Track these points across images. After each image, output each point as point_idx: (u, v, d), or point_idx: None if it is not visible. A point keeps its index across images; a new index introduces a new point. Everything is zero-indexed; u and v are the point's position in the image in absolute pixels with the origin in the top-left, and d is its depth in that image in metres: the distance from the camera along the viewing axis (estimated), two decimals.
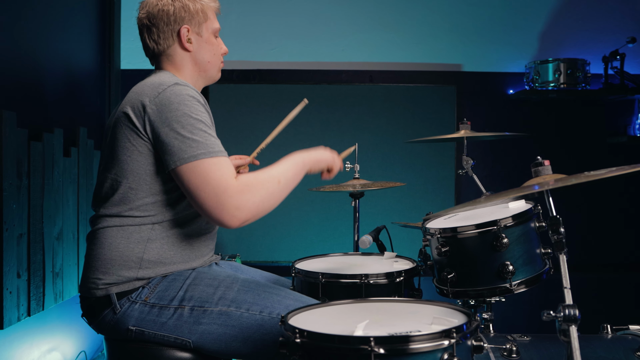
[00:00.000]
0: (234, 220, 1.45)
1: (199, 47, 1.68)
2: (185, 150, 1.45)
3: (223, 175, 1.45)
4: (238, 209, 1.45)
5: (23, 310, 2.21)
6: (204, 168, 1.45)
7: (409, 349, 1.06)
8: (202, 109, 1.52)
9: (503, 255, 1.57)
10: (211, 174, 1.44)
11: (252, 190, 1.47)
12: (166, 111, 1.48)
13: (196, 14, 1.65)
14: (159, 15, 1.63)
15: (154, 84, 1.53)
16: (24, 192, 2.20)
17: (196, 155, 1.45)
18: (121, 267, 1.53)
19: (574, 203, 3.50)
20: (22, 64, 2.38)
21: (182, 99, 1.49)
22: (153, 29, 1.64)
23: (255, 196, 1.47)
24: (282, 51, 3.50)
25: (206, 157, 1.45)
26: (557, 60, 3.29)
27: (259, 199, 1.48)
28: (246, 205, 1.46)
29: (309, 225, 3.41)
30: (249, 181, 1.48)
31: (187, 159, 1.45)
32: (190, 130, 1.46)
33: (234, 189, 1.45)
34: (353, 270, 1.84)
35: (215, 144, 1.49)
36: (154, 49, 1.67)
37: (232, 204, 1.44)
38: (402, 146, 3.37)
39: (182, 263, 1.59)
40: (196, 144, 1.46)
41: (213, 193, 1.44)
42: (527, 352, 1.53)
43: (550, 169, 1.35)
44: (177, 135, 1.46)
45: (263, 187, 1.50)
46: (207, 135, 1.48)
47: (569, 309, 1.19)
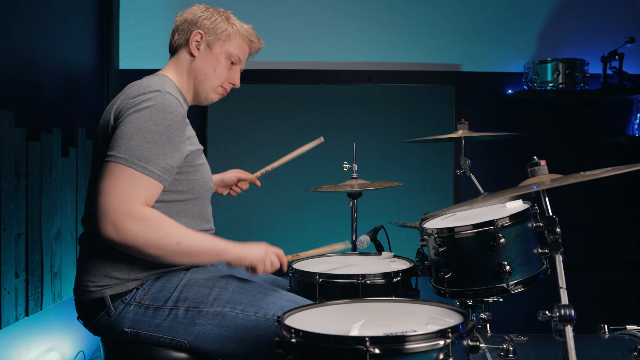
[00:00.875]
0: (105, 233, 1.39)
1: (203, 57, 1.69)
2: (115, 148, 1.43)
3: (131, 190, 1.39)
4: (115, 228, 1.38)
5: (21, 310, 2.21)
6: (117, 173, 1.41)
7: (405, 349, 1.07)
8: (168, 123, 1.47)
9: (500, 255, 1.57)
10: (120, 182, 1.40)
11: (145, 225, 1.39)
12: (132, 111, 1.46)
13: (219, 29, 1.69)
14: (188, 17, 1.71)
15: (141, 87, 1.54)
16: (22, 192, 2.20)
17: (118, 158, 1.42)
18: (113, 269, 1.53)
19: (573, 203, 3.50)
20: (20, 63, 2.38)
21: (152, 104, 1.47)
22: (179, 26, 1.72)
23: (142, 232, 1.38)
24: (280, 51, 3.50)
25: (125, 165, 1.41)
26: (555, 60, 3.29)
27: (144, 238, 1.39)
28: (126, 231, 1.38)
29: (307, 225, 3.41)
30: (150, 217, 1.40)
31: (110, 157, 1.43)
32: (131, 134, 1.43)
33: (130, 210, 1.38)
34: (350, 270, 1.84)
35: (147, 159, 1.43)
36: (171, 43, 1.74)
37: (115, 219, 1.37)
38: (401, 146, 3.37)
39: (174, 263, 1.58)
40: (126, 149, 1.42)
41: (112, 199, 1.38)
42: (524, 352, 1.53)
43: (546, 169, 1.35)
44: (122, 132, 1.44)
45: (159, 233, 1.40)
46: (145, 147, 1.43)
47: (564, 309, 1.19)
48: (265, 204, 3.40)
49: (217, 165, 3.35)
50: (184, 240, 1.44)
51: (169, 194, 1.55)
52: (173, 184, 1.55)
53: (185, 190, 1.59)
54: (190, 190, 1.60)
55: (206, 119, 3.40)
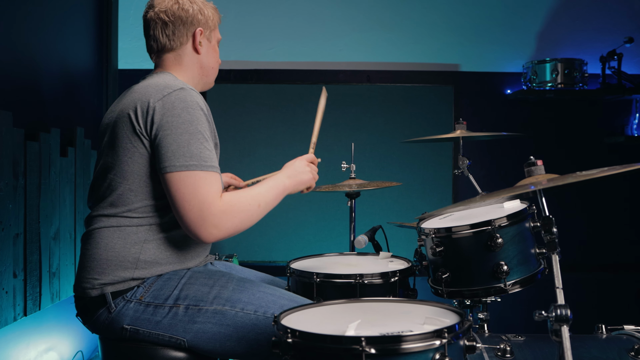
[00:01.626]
0: (210, 238, 1.48)
1: (207, 52, 1.73)
2: (178, 158, 1.46)
3: (210, 191, 1.47)
4: (216, 228, 1.47)
5: (19, 310, 2.21)
6: (193, 180, 1.46)
7: (400, 349, 1.07)
8: (203, 119, 1.53)
9: (497, 255, 1.57)
10: (199, 188, 1.46)
11: (234, 210, 1.50)
12: (169, 115, 1.48)
13: (210, 21, 1.72)
14: (178, 13, 1.66)
15: (159, 86, 1.53)
16: (20, 192, 2.20)
17: (188, 166, 1.46)
18: (117, 267, 1.53)
19: (572, 203, 3.50)
20: (18, 63, 2.38)
21: (185, 105, 1.50)
22: (170, 25, 1.65)
23: (235, 218, 1.50)
24: (279, 51, 3.50)
25: (197, 170, 1.46)
26: (554, 60, 3.29)
27: (238, 221, 1.51)
28: (225, 225, 1.48)
29: (306, 225, 3.41)
30: (233, 202, 1.50)
31: (177, 167, 1.46)
32: (187, 139, 1.47)
33: (218, 208, 1.47)
34: (348, 270, 1.84)
35: (209, 158, 1.49)
36: (165, 45, 1.67)
37: (212, 222, 1.46)
38: (400, 146, 3.38)
39: (178, 263, 1.59)
40: (190, 154, 1.46)
41: (197, 207, 1.45)
42: (521, 352, 1.53)
43: (543, 169, 1.35)
44: (173, 141, 1.47)
45: (244, 209, 1.52)
46: (203, 148, 1.49)
47: (560, 309, 1.19)
48: None
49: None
50: (261, 201, 1.57)
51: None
52: None
53: None
54: None
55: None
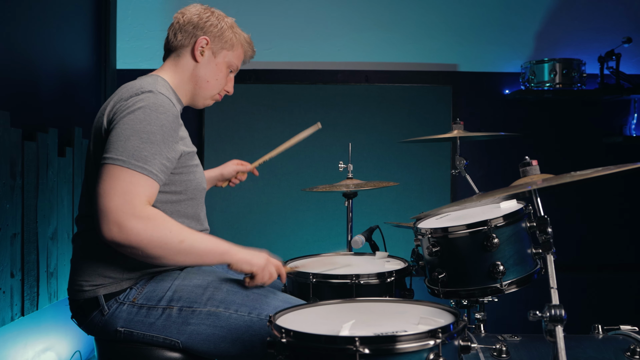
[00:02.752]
0: (108, 234, 1.36)
1: (207, 64, 1.69)
2: (111, 151, 1.42)
3: (131, 190, 1.38)
4: (119, 227, 1.36)
5: (17, 310, 2.21)
6: (116, 175, 1.39)
7: (394, 349, 1.07)
8: (162, 123, 1.47)
9: (494, 255, 1.57)
10: (120, 183, 1.38)
11: (149, 224, 1.38)
12: (125, 112, 1.46)
13: (224, 38, 1.70)
14: (192, 18, 1.68)
15: (134, 88, 1.53)
16: (17, 192, 2.20)
17: (116, 159, 1.40)
18: (107, 268, 1.53)
19: (570, 203, 3.49)
20: (16, 63, 2.38)
21: (145, 105, 1.47)
22: (181, 25, 1.68)
23: (145, 231, 1.37)
24: (278, 51, 3.50)
25: (124, 166, 1.40)
26: (552, 60, 3.29)
27: (147, 237, 1.37)
28: (130, 230, 1.36)
29: (304, 225, 3.41)
30: (154, 216, 1.39)
31: (107, 159, 1.42)
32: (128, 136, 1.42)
33: (133, 209, 1.37)
34: (344, 270, 1.84)
35: (144, 159, 1.42)
36: (170, 41, 1.70)
37: (117, 218, 1.36)
38: (398, 146, 3.37)
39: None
40: (123, 149, 1.41)
41: (110, 199, 1.37)
42: (517, 352, 1.53)
43: (538, 169, 1.35)
44: (115, 135, 1.44)
45: (162, 231, 1.39)
46: (142, 148, 1.42)
47: (555, 309, 1.19)
48: (262, 204, 3.40)
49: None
50: (187, 239, 1.42)
51: (162, 194, 1.54)
52: (167, 184, 1.55)
53: (179, 191, 1.59)
54: (183, 191, 1.60)
55: (203, 119, 3.40)
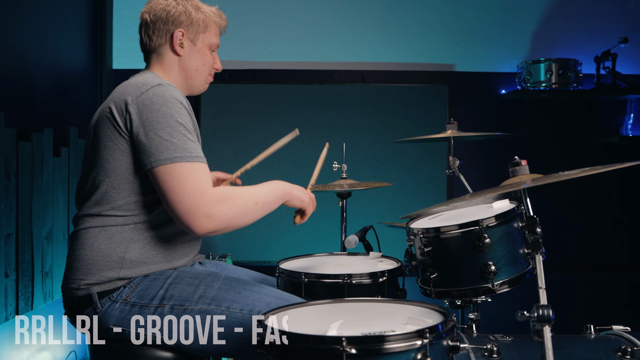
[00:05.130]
0: (202, 228, 1.44)
1: (190, 54, 1.69)
2: (162, 151, 1.45)
3: (199, 181, 1.45)
4: (209, 217, 1.44)
5: (11, 310, 2.21)
6: (180, 171, 1.44)
7: (381, 349, 1.07)
8: (184, 112, 1.52)
9: (485, 256, 1.57)
10: (188, 178, 1.44)
11: (228, 202, 1.47)
12: (147, 111, 1.48)
13: (196, 22, 1.68)
14: (159, 13, 1.66)
15: (138, 84, 1.54)
16: (12, 191, 2.20)
17: (172, 158, 1.45)
18: (103, 267, 1.53)
19: (565, 203, 3.49)
20: (11, 63, 2.38)
21: (164, 100, 1.49)
22: (151, 25, 1.67)
23: (229, 209, 1.47)
24: (274, 51, 3.50)
25: (183, 161, 1.45)
26: (548, 60, 3.29)
27: (233, 214, 1.47)
28: (218, 215, 1.45)
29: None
30: (227, 193, 1.48)
31: (163, 161, 1.45)
32: (169, 132, 1.46)
33: (210, 197, 1.44)
34: (337, 270, 1.84)
35: (194, 149, 1.48)
36: (146, 44, 1.70)
37: (204, 211, 1.43)
38: (394, 146, 3.37)
39: (164, 263, 1.59)
40: (174, 147, 1.45)
41: (188, 197, 1.43)
42: (508, 352, 1.53)
43: (527, 169, 1.35)
44: (155, 136, 1.46)
45: (240, 203, 1.50)
46: (186, 139, 1.48)
47: (542, 309, 1.19)
48: None
49: (211, 165, 3.33)
50: (259, 199, 1.54)
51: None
52: None
53: None
54: None
55: (199, 119, 3.40)
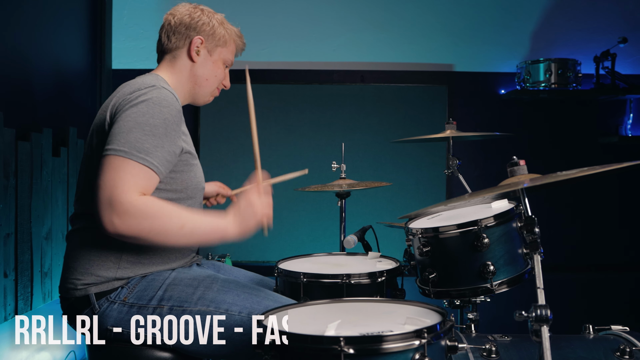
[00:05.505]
0: (110, 227, 1.38)
1: (204, 63, 1.72)
2: (113, 142, 1.43)
3: (129, 180, 1.39)
4: (120, 219, 1.37)
5: (10, 310, 2.21)
6: (117, 165, 1.40)
7: (380, 349, 1.07)
8: (165, 117, 1.48)
9: (484, 256, 1.57)
10: (119, 173, 1.39)
11: (147, 214, 1.39)
12: (128, 106, 1.48)
13: (217, 35, 1.72)
14: (184, 19, 1.70)
15: (135, 85, 1.55)
16: (11, 191, 2.20)
17: (118, 150, 1.41)
18: (100, 267, 1.53)
19: (565, 203, 3.49)
20: (10, 63, 2.38)
21: (148, 98, 1.49)
22: (173, 27, 1.70)
23: (144, 220, 1.38)
24: (273, 51, 3.50)
25: (126, 157, 1.41)
26: (548, 60, 3.29)
27: (147, 225, 1.39)
28: (129, 221, 1.37)
29: (299, 225, 3.41)
30: (151, 205, 1.40)
31: (109, 151, 1.42)
32: (130, 127, 1.44)
33: (129, 200, 1.37)
34: (335, 270, 1.84)
35: (145, 151, 1.42)
36: (164, 44, 1.72)
37: (117, 211, 1.36)
38: (394, 146, 3.37)
39: (162, 263, 1.59)
40: (125, 141, 1.42)
41: (110, 190, 1.38)
42: (506, 352, 1.53)
43: (525, 169, 1.35)
44: (118, 127, 1.45)
45: (163, 221, 1.41)
46: (144, 140, 1.43)
47: (540, 309, 1.19)
48: None
49: (210, 165, 3.35)
50: (187, 224, 1.44)
51: (163, 192, 1.55)
52: (167, 182, 1.56)
53: (179, 190, 1.60)
54: (184, 190, 1.61)
55: (199, 119, 3.40)
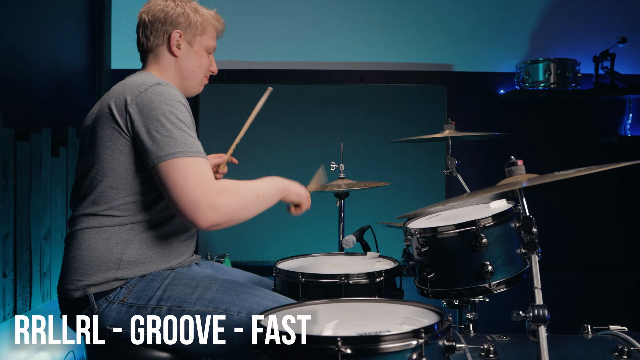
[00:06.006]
0: (206, 220, 1.44)
1: (187, 56, 1.71)
2: (163, 148, 1.46)
3: (202, 174, 1.45)
4: (213, 209, 1.44)
5: (9, 310, 2.21)
6: (182, 165, 1.44)
7: (377, 349, 1.07)
8: (183, 110, 1.53)
9: (482, 256, 1.57)
10: (190, 171, 1.44)
11: (230, 194, 1.47)
12: (147, 110, 1.49)
13: (194, 24, 1.70)
14: (157, 14, 1.68)
15: (136, 83, 1.55)
16: (10, 191, 2.20)
17: (174, 153, 1.45)
18: (100, 268, 1.53)
19: (564, 203, 3.49)
20: (9, 63, 2.38)
21: (163, 98, 1.50)
22: (149, 25, 1.68)
23: (233, 201, 1.47)
24: (272, 51, 3.50)
25: (184, 156, 1.45)
26: (547, 60, 3.29)
27: (236, 205, 1.47)
28: (222, 207, 1.45)
29: (298, 225, 3.40)
30: (229, 185, 1.49)
31: (164, 157, 1.45)
32: (169, 129, 1.47)
33: (213, 189, 1.45)
34: (334, 270, 1.84)
35: (194, 144, 1.49)
36: (143, 44, 1.71)
37: (207, 203, 1.43)
38: (393, 146, 3.37)
39: (161, 263, 1.59)
40: (174, 142, 1.46)
41: (191, 189, 1.43)
42: (504, 352, 1.53)
43: (523, 169, 1.35)
44: (156, 134, 1.47)
45: (242, 195, 1.50)
46: (186, 135, 1.48)
47: (538, 309, 1.19)
48: None
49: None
50: (260, 192, 1.56)
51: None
52: None
53: None
54: None
55: (198, 119, 3.40)
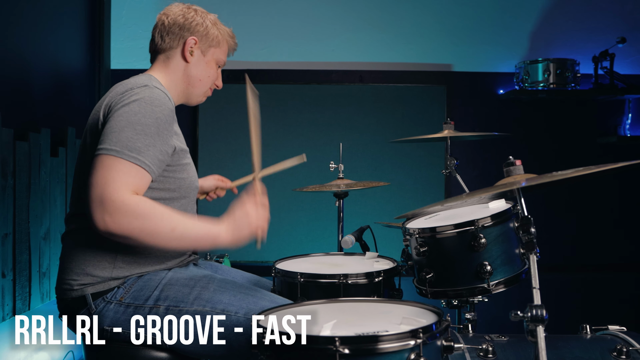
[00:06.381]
0: (101, 225, 1.37)
1: (198, 63, 1.72)
2: (105, 142, 1.43)
3: (120, 179, 1.39)
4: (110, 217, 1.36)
5: (8, 310, 2.21)
6: (108, 164, 1.40)
7: (375, 349, 1.07)
8: (157, 115, 1.48)
9: (481, 256, 1.57)
10: (110, 172, 1.39)
11: (138, 213, 1.38)
12: (120, 105, 1.48)
13: (211, 36, 1.73)
14: (178, 19, 1.70)
15: (128, 85, 1.55)
16: (9, 192, 2.20)
17: (109, 150, 1.41)
18: (95, 267, 1.54)
19: (563, 203, 3.49)
20: (8, 62, 2.38)
21: (140, 97, 1.49)
22: (167, 27, 1.70)
23: (135, 219, 1.37)
24: (272, 51, 3.50)
25: (117, 156, 1.41)
26: (546, 60, 3.29)
27: (137, 226, 1.38)
28: (120, 220, 1.36)
29: (298, 225, 3.41)
30: (142, 205, 1.39)
31: (101, 150, 1.42)
32: (122, 127, 1.44)
33: (121, 198, 1.37)
34: (333, 270, 1.84)
35: (137, 150, 1.43)
36: (157, 44, 1.72)
37: (108, 209, 1.36)
38: (392, 146, 3.37)
39: (157, 263, 1.59)
40: (117, 140, 1.42)
41: (101, 187, 1.37)
42: (503, 352, 1.53)
43: (521, 169, 1.35)
44: (109, 127, 1.45)
45: (151, 219, 1.39)
46: (136, 139, 1.43)
47: (536, 309, 1.19)
48: None
49: (208, 165, 3.35)
50: (178, 227, 1.42)
51: (156, 192, 1.55)
52: (161, 181, 1.56)
53: (173, 189, 1.60)
54: (177, 189, 1.61)
55: (197, 119, 3.40)
